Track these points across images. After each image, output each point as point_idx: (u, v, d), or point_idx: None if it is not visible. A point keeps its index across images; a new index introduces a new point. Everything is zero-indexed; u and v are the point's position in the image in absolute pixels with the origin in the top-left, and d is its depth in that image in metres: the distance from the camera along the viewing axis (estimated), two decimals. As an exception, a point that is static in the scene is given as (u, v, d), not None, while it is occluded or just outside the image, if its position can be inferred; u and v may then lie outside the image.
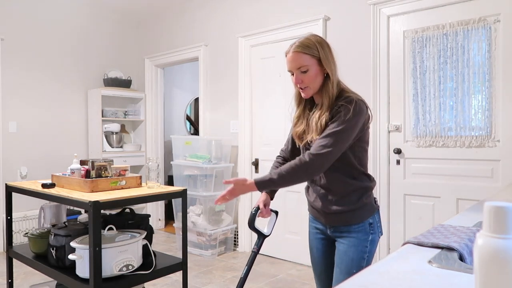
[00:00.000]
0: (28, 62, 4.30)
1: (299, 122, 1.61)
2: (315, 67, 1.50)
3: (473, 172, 2.74)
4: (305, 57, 1.50)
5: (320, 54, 1.50)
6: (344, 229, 1.56)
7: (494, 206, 0.52)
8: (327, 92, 1.50)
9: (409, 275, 0.76)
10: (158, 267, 2.10)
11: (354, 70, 3.27)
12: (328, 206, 1.56)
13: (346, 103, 1.46)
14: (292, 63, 1.52)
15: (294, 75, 1.53)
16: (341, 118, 1.44)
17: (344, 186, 1.53)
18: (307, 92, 1.54)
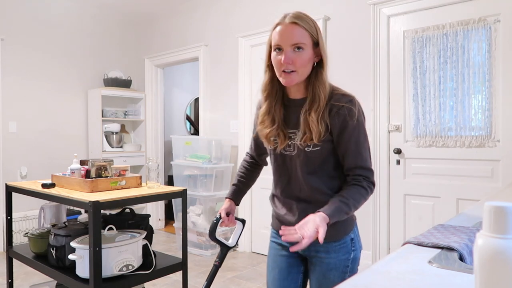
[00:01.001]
0: (28, 62, 4.29)
1: (267, 121, 1.32)
2: (310, 50, 1.25)
3: (473, 172, 2.74)
4: (304, 33, 1.24)
5: (318, 37, 1.27)
6: (321, 247, 1.31)
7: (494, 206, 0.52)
8: (323, 84, 1.26)
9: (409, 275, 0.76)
10: (158, 267, 2.09)
11: (354, 70, 3.27)
12: (303, 217, 1.26)
13: (349, 104, 1.25)
14: (286, 36, 1.22)
15: (281, 53, 1.23)
16: (359, 126, 1.26)
17: (325, 198, 1.28)
18: (292, 78, 1.24)
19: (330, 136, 1.27)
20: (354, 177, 1.26)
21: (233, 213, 1.52)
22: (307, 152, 1.27)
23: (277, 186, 1.40)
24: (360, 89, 3.24)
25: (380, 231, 3.12)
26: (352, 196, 1.22)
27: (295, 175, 1.32)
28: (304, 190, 1.32)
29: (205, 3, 4.46)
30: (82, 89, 4.76)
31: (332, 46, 3.41)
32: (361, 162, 1.26)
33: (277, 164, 1.37)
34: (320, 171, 1.29)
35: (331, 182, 1.31)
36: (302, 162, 1.29)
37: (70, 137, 4.65)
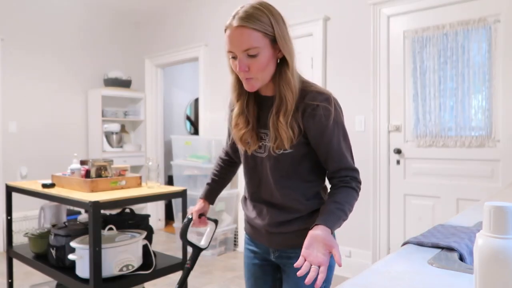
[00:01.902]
0: (28, 62, 4.29)
1: (241, 122, 1.21)
2: (268, 49, 1.09)
3: (473, 172, 2.74)
4: (255, 35, 1.07)
5: (275, 31, 1.09)
6: (293, 253, 1.22)
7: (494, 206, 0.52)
8: (288, 84, 1.12)
9: (409, 275, 0.76)
10: (158, 267, 2.10)
11: (354, 70, 3.28)
12: (273, 225, 1.23)
13: (325, 103, 1.13)
14: (235, 42, 1.08)
15: (236, 59, 1.10)
16: (338, 126, 1.16)
17: (297, 203, 1.20)
18: (253, 84, 1.13)
19: (304, 139, 1.16)
20: (341, 179, 1.17)
21: (206, 214, 1.47)
22: (277, 155, 1.17)
23: (247, 188, 1.31)
24: (360, 89, 3.25)
25: (380, 231, 3.12)
26: (346, 200, 1.14)
27: (266, 178, 1.22)
28: (276, 195, 1.22)
29: (205, 3, 4.46)
30: (82, 89, 4.76)
31: (332, 46, 3.41)
32: (346, 164, 1.17)
33: (248, 166, 1.28)
34: (293, 175, 1.20)
35: (306, 187, 1.21)
36: (272, 166, 1.20)
37: (70, 137, 4.65)
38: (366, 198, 3.20)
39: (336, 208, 1.11)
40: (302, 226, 1.19)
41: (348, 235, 3.30)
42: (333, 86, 3.41)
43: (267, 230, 1.25)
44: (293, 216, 1.21)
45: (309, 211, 1.21)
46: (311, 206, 1.21)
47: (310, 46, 3.53)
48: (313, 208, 1.21)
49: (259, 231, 1.29)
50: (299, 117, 1.13)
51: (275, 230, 1.23)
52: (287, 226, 1.21)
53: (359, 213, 3.23)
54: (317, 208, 1.20)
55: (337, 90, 3.38)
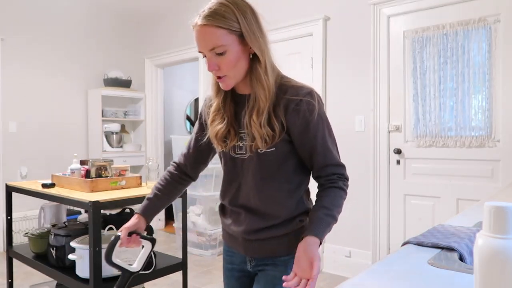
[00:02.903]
0: (28, 62, 4.29)
1: (218, 119, 1.16)
2: (236, 46, 1.05)
3: (473, 172, 2.74)
4: (220, 32, 1.03)
5: (242, 26, 1.04)
6: (270, 261, 1.17)
7: (494, 206, 0.52)
8: (259, 80, 1.07)
9: (409, 275, 0.76)
10: (158, 267, 2.09)
11: (354, 70, 3.28)
12: (251, 231, 1.16)
13: (308, 97, 1.09)
14: (201, 42, 1.06)
15: (206, 58, 1.08)
16: (322, 120, 1.11)
17: (279, 208, 1.14)
18: (226, 82, 1.10)
19: (287, 136, 1.11)
20: (328, 178, 1.12)
21: (141, 231, 1.28)
22: (260, 154, 1.10)
23: (226, 194, 1.22)
24: (360, 89, 3.25)
25: (380, 231, 3.12)
26: (334, 203, 1.09)
27: (246, 181, 1.15)
28: (255, 200, 1.15)
29: (205, 3, 4.45)
30: (82, 89, 4.76)
31: (332, 46, 3.41)
32: (332, 160, 1.12)
33: (227, 169, 1.20)
34: (276, 176, 1.13)
35: (288, 191, 1.15)
36: (255, 167, 1.13)
37: (70, 137, 4.65)
38: (366, 198, 3.20)
39: (324, 214, 1.07)
40: (280, 232, 1.14)
41: (348, 235, 3.30)
42: (333, 86, 3.41)
43: (244, 237, 1.18)
44: (272, 222, 1.14)
45: (289, 217, 1.14)
46: (292, 212, 1.15)
47: (310, 46, 3.53)
48: (293, 214, 1.15)
49: (235, 238, 1.22)
50: (282, 114, 1.08)
51: (252, 237, 1.17)
52: (265, 232, 1.15)
53: (359, 213, 3.23)
54: (297, 214, 1.15)
55: (337, 90, 3.38)
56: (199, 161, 1.32)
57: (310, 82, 3.50)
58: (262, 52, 1.08)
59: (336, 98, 3.39)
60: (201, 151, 1.29)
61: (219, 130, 1.15)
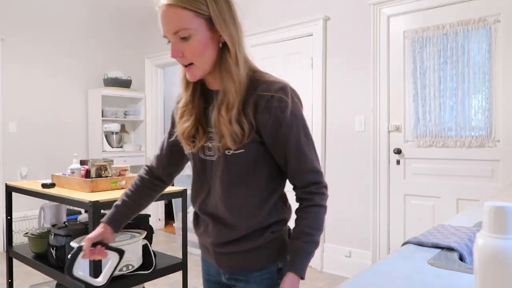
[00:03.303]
0: (28, 62, 4.29)
1: (185, 115, 1.06)
2: (203, 31, 0.95)
3: (473, 172, 2.74)
4: (186, 14, 0.93)
5: (211, 10, 0.94)
6: (241, 276, 1.07)
7: (494, 206, 0.52)
8: (229, 72, 0.97)
9: (409, 275, 0.76)
10: (158, 267, 2.09)
11: (354, 70, 3.28)
12: (219, 244, 1.06)
13: (280, 93, 0.97)
14: (164, 24, 0.96)
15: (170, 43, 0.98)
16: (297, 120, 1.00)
17: (248, 218, 1.03)
18: (193, 72, 0.99)
19: (258, 137, 0.99)
20: (304, 191, 1.01)
21: (109, 242, 1.15)
22: (227, 156, 0.99)
23: (196, 200, 1.11)
24: (360, 89, 3.25)
25: (380, 231, 3.12)
26: (315, 226, 1.00)
27: (214, 186, 1.05)
28: (222, 208, 1.03)
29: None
30: (82, 89, 4.76)
31: (332, 46, 3.41)
32: (306, 165, 1.00)
33: (196, 171, 1.10)
34: (246, 181, 1.01)
35: (260, 199, 1.03)
36: (223, 170, 1.01)
37: (70, 137, 4.65)
38: (366, 198, 3.20)
39: (305, 242, 0.99)
40: (250, 246, 1.03)
41: (348, 235, 3.30)
42: (333, 86, 3.41)
43: (214, 250, 1.08)
44: (241, 233, 1.03)
45: (260, 228, 1.03)
46: (263, 222, 1.03)
47: (310, 46, 3.53)
48: (264, 225, 1.03)
49: (207, 249, 1.11)
50: (251, 111, 0.97)
51: (221, 250, 1.06)
52: (234, 245, 1.04)
53: (359, 213, 3.23)
54: (269, 224, 1.04)
55: (337, 90, 3.38)
56: (172, 164, 1.20)
57: (310, 82, 3.51)
58: (233, 41, 0.97)
59: (336, 98, 3.39)
60: (174, 153, 1.18)
61: (186, 128, 1.04)
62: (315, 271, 3.43)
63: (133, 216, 1.22)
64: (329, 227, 3.38)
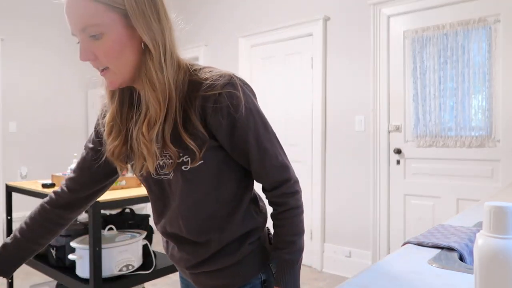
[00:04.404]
0: (28, 62, 4.29)
1: (114, 132, 0.89)
2: (118, 28, 0.78)
3: (473, 172, 2.74)
4: (96, 6, 0.76)
5: (126, 4, 0.77)
6: None
7: (494, 206, 0.52)
8: (150, 79, 0.80)
9: (409, 275, 0.76)
10: (158, 267, 2.09)
11: (354, 70, 3.28)
12: (192, 265, 0.95)
13: (228, 87, 0.82)
14: (69, 19, 0.80)
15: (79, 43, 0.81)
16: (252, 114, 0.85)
17: (220, 233, 0.91)
18: (110, 78, 0.82)
19: (215, 141, 0.86)
20: (275, 194, 0.90)
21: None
22: (185, 172, 0.85)
23: (158, 221, 0.98)
24: (360, 89, 3.25)
25: (380, 231, 3.12)
26: (295, 232, 0.90)
27: (175, 205, 0.91)
28: (186, 227, 0.91)
29: (205, 3, 4.46)
30: (82, 89, 4.76)
31: (332, 46, 3.41)
32: (271, 161, 0.88)
33: (154, 195, 0.95)
34: (212, 194, 0.89)
35: (231, 207, 0.92)
36: (182, 188, 0.88)
37: (70, 137, 4.65)
38: (366, 198, 3.20)
39: (288, 252, 0.90)
40: (229, 261, 0.92)
41: (348, 235, 3.30)
42: (333, 86, 3.41)
43: (189, 272, 0.97)
44: (214, 250, 0.92)
45: (235, 240, 0.92)
46: (236, 232, 0.92)
47: (310, 46, 3.53)
48: (239, 234, 0.92)
49: (182, 270, 1.00)
50: (199, 117, 0.83)
51: (196, 271, 0.95)
52: (210, 264, 0.93)
53: (359, 213, 3.23)
54: (245, 234, 0.93)
55: (337, 90, 3.38)
56: (90, 188, 1.00)
57: (310, 82, 3.51)
58: (155, 42, 0.80)
59: (336, 98, 3.39)
60: (96, 174, 0.98)
61: (115, 147, 0.88)
62: (315, 271, 3.43)
63: (29, 256, 1.00)
64: (329, 227, 3.38)
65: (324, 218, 3.38)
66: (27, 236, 0.99)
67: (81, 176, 0.99)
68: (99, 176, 0.99)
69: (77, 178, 1.00)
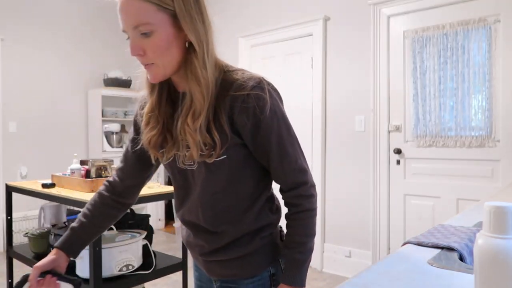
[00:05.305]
0: (28, 62, 4.29)
1: (152, 122, 0.97)
2: (167, 28, 0.86)
3: (473, 172, 2.74)
4: (147, 7, 0.83)
5: (176, 5, 0.84)
6: (232, 284, 1.01)
7: (494, 206, 0.52)
8: (195, 75, 0.88)
9: (409, 275, 0.76)
10: (158, 267, 2.09)
11: (354, 70, 3.28)
12: (206, 253, 1.01)
13: (256, 90, 0.89)
14: (123, 17, 0.86)
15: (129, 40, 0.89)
16: (277, 116, 0.91)
17: (235, 226, 0.97)
18: (154, 72, 0.91)
19: (239, 139, 0.92)
20: (290, 195, 0.95)
21: (61, 271, 1.02)
22: (208, 165, 0.91)
23: (179, 209, 1.05)
24: (360, 89, 3.25)
25: (380, 231, 3.12)
26: (306, 234, 0.95)
27: (196, 195, 0.98)
28: (204, 216, 0.97)
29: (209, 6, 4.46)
30: (82, 89, 4.76)
31: (332, 46, 3.41)
32: (290, 164, 0.93)
33: (177, 183, 1.02)
34: (232, 188, 0.95)
35: (248, 203, 0.97)
36: (204, 179, 0.94)
37: (70, 137, 4.65)
38: (366, 198, 3.20)
39: (299, 252, 0.94)
40: (240, 253, 0.98)
41: (348, 235, 3.30)
42: (333, 86, 3.41)
43: (202, 259, 1.04)
44: (228, 240, 0.97)
45: (248, 233, 0.98)
46: (250, 227, 0.98)
47: (310, 46, 3.53)
48: (253, 228, 0.98)
49: (196, 257, 1.07)
50: (226, 115, 0.89)
51: (209, 259, 1.01)
52: (223, 253, 0.99)
53: (359, 213, 3.23)
54: (258, 229, 0.98)
55: (337, 90, 3.38)
56: (137, 175, 1.10)
57: (310, 82, 3.51)
58: (199, 41, 0.87)
59: (336, 98, 3.39)
60: (140, 162, 1.07)
61: (152, 136, 0.95)
62: (315, 271, 3.43)
63: (91, 240, 1.10)
64: (329, 227, 3.38)
65: (324, 218, 3.38)
66: (91, 220, 1.10)
67: (125, 166, 1.10)
68: (139, 165, 1.08)
69: (123, 168, 1.10)
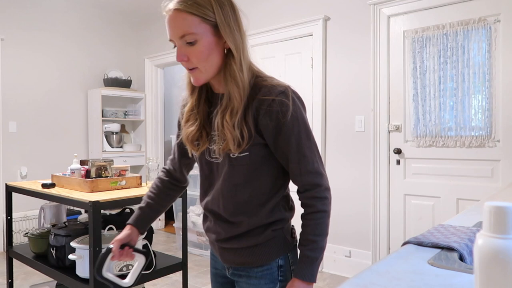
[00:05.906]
0: (28, 62, 4.29)
1: (191, 120, 1.10)
2: (209, 37, 0.99)
3: (473, 172, 2.74)
4: (192, 19, 0.97)
5: (217, 17, 0.98)
6: (242, 272, 1.12)
7: (494, 206, 0.52)
8: (233, 78, 1.01)
9: (409, 275, 0.76)
10: (158, 267, 2.09)
11: (354, 70, 3.28)
12: (222, 240, 1.12)
13: (281, 96, 1.00)
14: (170, 28, 1.00)
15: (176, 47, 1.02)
16: (298, 122, 1.02)
17: (249, 216, 1.07)
18: (197, 76, 1.03)
19: (261, 139, 1.03)
20: (307, 202, 1.05)
21: (134, 244, 1.20)
22: (232, 159, 1.03)
23: (203, 198, 1.17)
24: (360, 89, 3.25)
25: (380, 231, 3.12)
26: (319, 233, 1.04)
27: (219, 186, 1.10)
28: (224, 206, 1.08)
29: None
30: (82, 89, 4.76)
31: (332, 46, 3.41)
32: (306, 167, 1.02)
33: (203, 174, 1.14)
34: (251, 182, 1.05)
35: (264, 197, 1.07)
36: (227, 172, 1.06)
37: (70, 137, 4.65)
38: (366, 198, 3.20)
39: (311, 249, 1.03)
40: (252, 243, 1.08)
41: (348, 235, 3.30)
42: (333, 86, 3.41)
43: (218, 245, 1.14)
44: (243, 230, 1.08)
45: (261, 226, 1.08)
46: (263, 221, 1.07)
47: (310, 46, 3.53)
48: (265, 223, 1.08)
49: (213, 244, 1.17)
50: (252, 115, 1.01)
51: (224, 246, 1.12)
52: (236, 241, 1.09)
53: (359, 213, 3.23)
54: (270, 223, 1.08)
55: (337, 90, 3.38)
56: (185, 165, 1.26)
57: (310, 82, 3.51)
58: (237, 48, 1.01)
59: (336, 98, 3.39)
60: (184, 154, 1.21)
61: (191, 132, 1.09)
62: (315, 271, 3.43)
63: (156, 217, 1.28)
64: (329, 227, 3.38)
65: (324, 218, 3.38)
66: (155, 200, 1.26)
67: (174, 157, 1.27)
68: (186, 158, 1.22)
69: (173, 158, 1.28)
